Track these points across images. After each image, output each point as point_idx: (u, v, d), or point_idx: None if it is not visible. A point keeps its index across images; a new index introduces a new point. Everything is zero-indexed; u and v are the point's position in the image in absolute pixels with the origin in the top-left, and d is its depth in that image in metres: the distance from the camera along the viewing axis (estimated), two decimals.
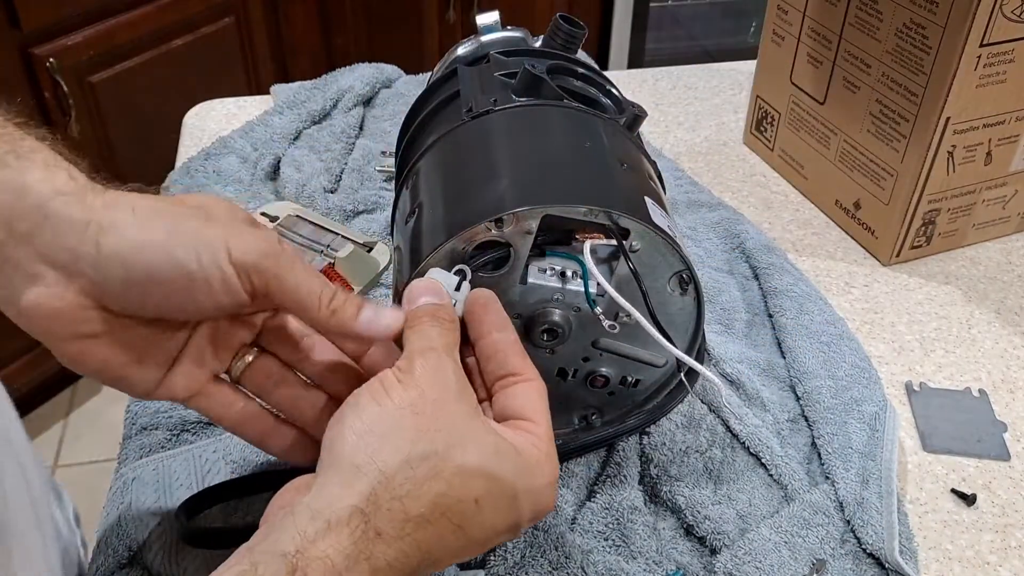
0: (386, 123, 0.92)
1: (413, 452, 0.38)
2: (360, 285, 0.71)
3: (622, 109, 0.59)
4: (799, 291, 0.70)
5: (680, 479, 0.57)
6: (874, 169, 0.76)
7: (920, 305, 0.74)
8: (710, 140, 0.95)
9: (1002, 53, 0.67)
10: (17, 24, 1.39)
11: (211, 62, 1.71)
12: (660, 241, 0.50)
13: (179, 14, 1.61)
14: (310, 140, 0.89)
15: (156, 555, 0.51)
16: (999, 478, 0.60)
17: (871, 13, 0.73)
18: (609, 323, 0.51)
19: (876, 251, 0.79)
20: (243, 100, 0.99)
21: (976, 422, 0.63)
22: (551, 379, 0.54)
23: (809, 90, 0.82)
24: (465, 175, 0.53)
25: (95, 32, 1.49)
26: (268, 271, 0.42)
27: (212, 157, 0.86)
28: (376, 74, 0.97)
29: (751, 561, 0.52)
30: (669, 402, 0.58)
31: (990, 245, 0.81)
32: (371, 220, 0.79)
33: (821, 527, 0.54)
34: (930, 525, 0.57)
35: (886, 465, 0.57)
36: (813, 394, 0.62)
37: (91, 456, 1.77)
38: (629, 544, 0.53)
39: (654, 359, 0.56)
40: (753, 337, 0.69)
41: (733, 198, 0.85)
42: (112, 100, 1.56)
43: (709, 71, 1.07)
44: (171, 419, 0.60)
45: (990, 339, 0.70)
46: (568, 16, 0.64)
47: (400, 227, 0.56)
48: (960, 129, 0.70)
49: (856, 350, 0.66)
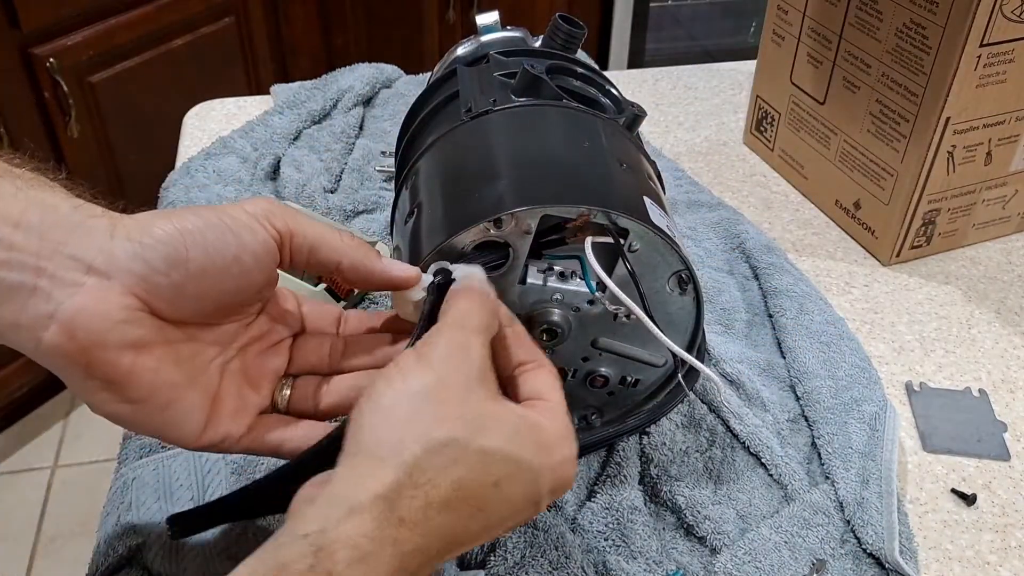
0: (386, 123, 0.92)
1: (434, 439, 0.38)
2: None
3: (622, 109, 0.59)
4: (799, 291, 0.70)
5: (680, 479, 0.57)
6: (874, 169, 0.76)
7: (920, 305, 0.74)
8: (710, 140, 0.95)
9: (1002, 53, 0.67)
10: (17, 24, 1.39)
11: (211, 62, 1.71)
12: (659, 241, 0.50)
13: (179, 14, 1.61)
14: (310, 140, 0.89)
15: (156, 555, 0.51)
16: (999, 478, 0.60)
17: (871, 13, 0.73)
18: (613, 308, 0.51)
19: (876, 251, 0.79)
20: (243, 100, 0.99)
21: (976, 422, 0.63)
22: None
23: (809, 90, 0.82)
24: (464, 175, 0.53)
25: (95, 32, 1.49)
26: (281, 216, 0.43)
27: (212, 157, 0.86)
28: (376, 74, 0.97)
29: (751, 561, 0.52)
30: (669, 402, 0.58)
31: (990, 245, 0.81)
32: (371, 220, 0.79)
33: (821, 527, 0.54)
34: (930, 525, 0.57)
35: (886, 465, 0.57)
36: (813, 394, 0.62)
37: (91, 456, 1.77)
38: (629, 544, 0.53)
39: (653, 359, 0.56)
40: (753, 337, 0.69)
41: (733, 198, 0.85)
42: (112, 100, 1.56)
43: (709, 71, 1.07)
44: None
45: (990, 339, 0.70)
46: (568, 16, 0.64)
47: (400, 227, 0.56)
48: (960, 129, 0.70)
49: (856, 350, 0.66)
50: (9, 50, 1.40)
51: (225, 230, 0.41)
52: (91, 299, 0.38)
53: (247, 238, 0.42)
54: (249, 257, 0.42)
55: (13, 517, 1.67)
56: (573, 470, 0.43)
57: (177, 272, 0.40)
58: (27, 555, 1.61)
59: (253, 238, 0.42)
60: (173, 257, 0.40)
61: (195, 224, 0.41)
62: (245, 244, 0.42)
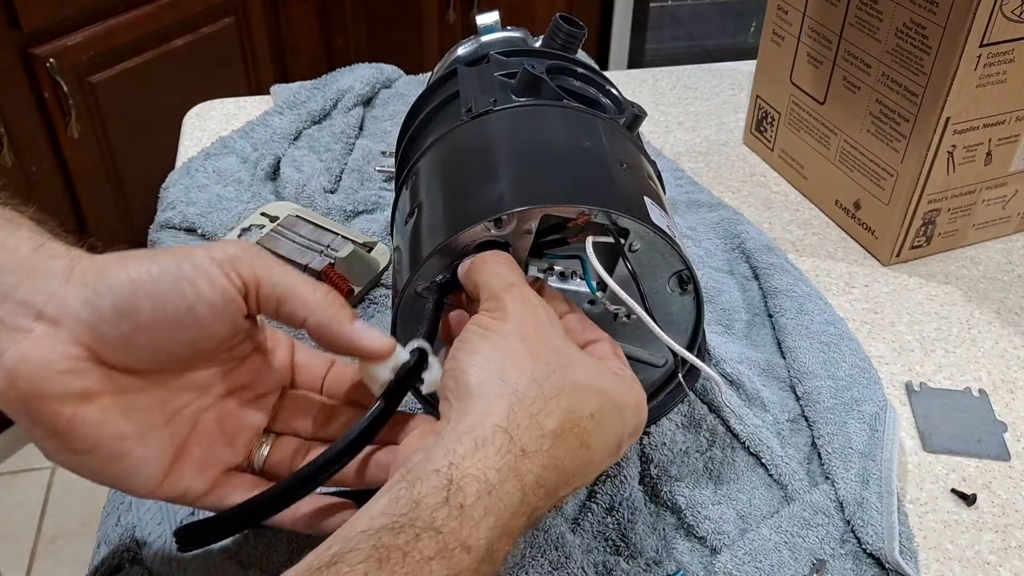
0: (386, 123, 0.92)
1: (536, 372, 0.40)
2: (360, 285, 0.71)
3: (622, 109, 0.59)
4: (799, 291, 0.70)
5: (680, 479, 0.57)
6: (874, 169, 0.76)
7: (920, 305, 0.74)
8: (710, 140, 0.95)
9: (1002, 53, 0.67)
10: (17, 24, 1.39)
11: (211, 62, 1.71)
12: (660, 241, 0.50)
13: (179, 14, 1.61)
14: (310, 140, 0.89)
15: (156, 555, 0.51)
16: (999, 478, 0.60)
17: (871, 13, 0.73)
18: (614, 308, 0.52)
19: (876, 251, 0.79)
20: (243, 100, 0.99)
21: (976, 422, 0.63)
22: None
23: (809, 90, 0.82)
24: (464, 175, 0.53)
25: (95, 32, 1.49)
26: (248, 263, 0.41)
27: (212, 157, 0.86)
28: (376, 74, 0.97)
29: (751, 561, 0.52)
30: (669, 402, 0.58)
31: (990, 245, 0.81)
32: (371, 220, 0.79)
33: (821, 527, 0.54)
34: (930, 525, 0.57)
35: (886, 465, 0.57)
36: (813, 394, 0.62)
37: None
38: (629, 544, 0.53)
39: (654, 359, 0.56)
40: (753, 337, 0.69)
41: (733, 198, 0.85)
42: (112, 100, 1.56)
43: (709, 71, 1.07)
44: None
45: (990, 339, 0.70)
46: (568, 16, 0.64)
47: (400, 227, 0.56)
48: (960, 129, 0.70)
49: (856, 350, 0.66)
50: (9, 50, 1.40)
51: (181, 278, 0.39)
52: (35, 347, 0.37)
53: (204, 288, 0.40)
54: (205, 308, 0.40)
55: (13, 517, 1.67)
56: (645, 413, 0.45)
57: (126, 322, 0.39)
58: (27, 555, 1.61)
59: (211, 287, 0.40)
60: (122, 307, 0.38)
61: (150, 273, 0.39)
62: (202, 294, 0.40)
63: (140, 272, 0.39)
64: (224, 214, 0.78)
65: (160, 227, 0.78)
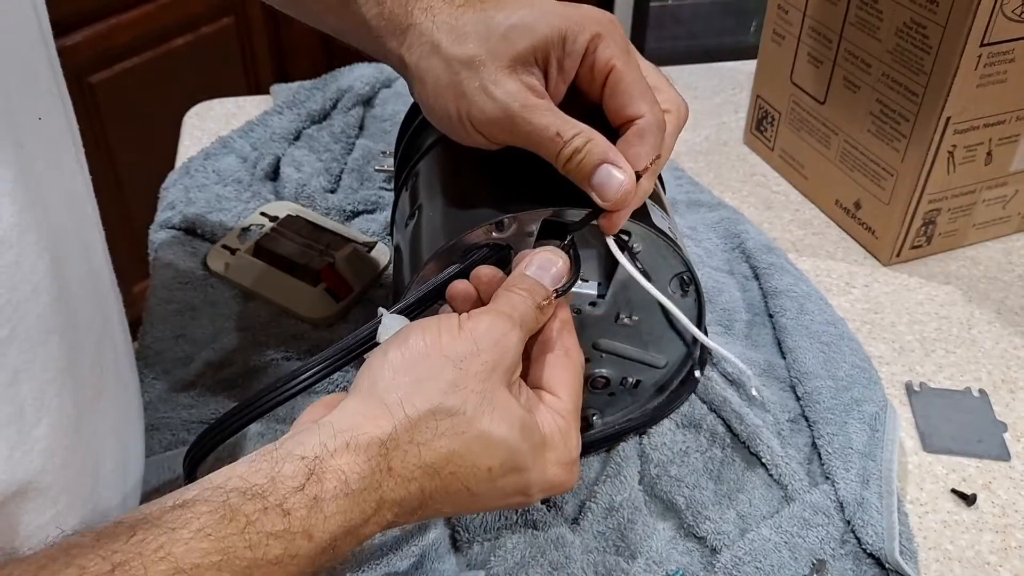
0: (386, 123, 0.92)
1: (443, 404, 0.39)
2: (360, 285, 0.71)
3: None
4: (799, 291, 0.70)
5: (680, 479, 0.57)
6: (874, 169, 0.76)
7: (920, 305, 0.74)
8: (710, 140, 0.95)
9: (1002, 53, 0.67)
10: None
11: (211, 62, 1.71)
12: (661, 243, 0.50)
13: (179, 14, 1.61)
14: (310, 140, 0.89)
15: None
16: (999, 478, 0.60)
17: (871, 13, 0.73)
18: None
19: (876, 251, 0.79)
20: (243, 100, 0.99)
21: (976, 422, 0.63)
22: None
23: (809, 90, 0.82)
24: (465, 177, 0.53)
25: (94, 32, 1.49)
26: (504, 129, 0.46)
27: (212, 157, 0.86)
28: (376, 74, 0.97)
29: (751, 561, 0.52)
30: (671, 402, 0.58)
31: (990, 245, 0.80)
32: (371, 220, 0.79)
33: (821, 527, 0.54)
34: (930, 525, 0.57)
35: (886, 465, 0.57)
36: (813, 394, 0.62)
37: None
38: (629, 544, 0.53)
39: (655, 360, 0.56)
40: (753, 337, 0.69)
41: (733, 198, 0.85)
42: (112, 100, 1.56)
43: (709, 71, 1.07)
44: (172, 420, 0.60)
45: (990, 339, 0.70)
46: None
47: (400, 229, 0.56)
48: (960, 129, 0.70)
49: (856, 350, 0.66)
50: None
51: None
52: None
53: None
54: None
55: None
56: (572, 473, 0.44)
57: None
58: None
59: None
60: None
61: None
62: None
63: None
64: (224, 214, 0.78)
65: (160, 227, 0.78)
